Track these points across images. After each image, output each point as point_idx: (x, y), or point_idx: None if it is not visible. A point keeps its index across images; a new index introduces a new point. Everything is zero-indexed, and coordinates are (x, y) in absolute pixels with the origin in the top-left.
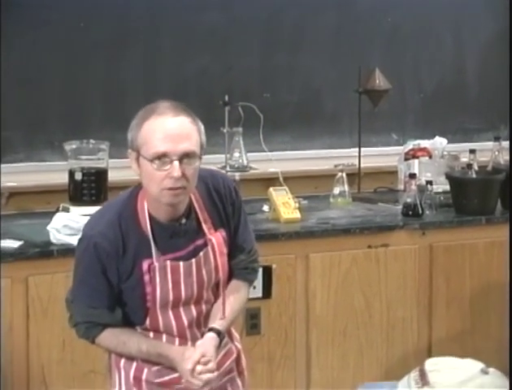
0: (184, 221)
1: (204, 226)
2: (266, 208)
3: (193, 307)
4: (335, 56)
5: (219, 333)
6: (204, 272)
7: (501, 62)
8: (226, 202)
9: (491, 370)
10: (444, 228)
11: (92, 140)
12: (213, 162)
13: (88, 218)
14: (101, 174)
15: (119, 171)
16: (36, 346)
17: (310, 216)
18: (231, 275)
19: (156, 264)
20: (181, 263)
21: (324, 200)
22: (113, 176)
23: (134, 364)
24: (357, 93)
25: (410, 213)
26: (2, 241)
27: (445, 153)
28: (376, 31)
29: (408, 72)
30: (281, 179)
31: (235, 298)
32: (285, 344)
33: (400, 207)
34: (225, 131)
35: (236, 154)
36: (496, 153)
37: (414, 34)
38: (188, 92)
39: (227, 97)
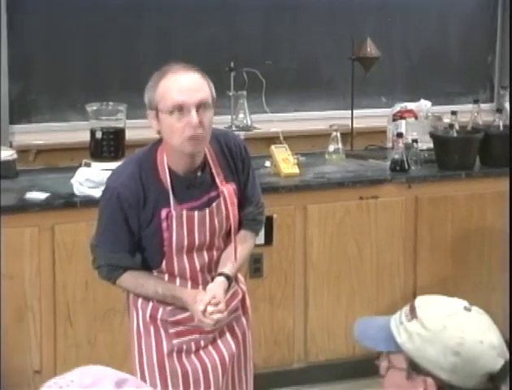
0: (199, 174)
1: (217, 179)
2: (268, 164)
3: (205, 253)
4: (330, 27)
5: (227, 277)
6: (216, 221)
7: (480, 33)
8: (236, 159)
9: (473, 307)
10: (428, 182)
11: (111, 103)
12: (220, 122)
13: (111, 171)
14: (119, 133)
15: (136, 131)
16: (61, 287)
17: (308, 171)
18: (240, 226)
19: (173, 213)
20: (196, 212)
21: (320, 156)
22: (130, 135)
23: (150, 304)
24: (350, 61)
25: (398, 168)
26: (30, 193)
27: (429, 114)
28: (368, 4)
29: (396, 41)
30: (281, 137)
31: (243, 247)
32: (285, 286)
33: (388, 163)
34: (231, 94)
35: (241, 115)
36: (476, 114)
37: (402, 7)
38: (198, 59)
39: (232, 64)
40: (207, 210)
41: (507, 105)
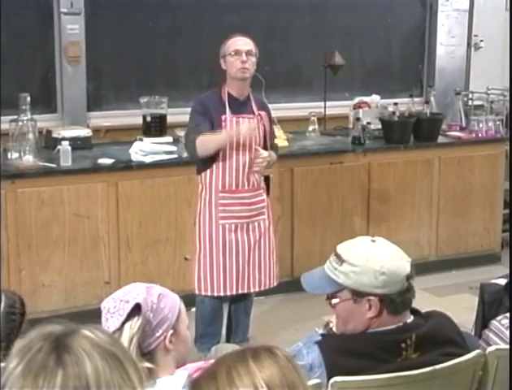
0: (245, 99)
1: (255, 108)
2: None
3: (247, 154)
4: (310, 43)
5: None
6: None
7: (413, 49)
8: (265, 109)
9: (376, 238)
10: (377, 152)
11: (157, 96)
12: None
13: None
14: (162, 118)
15: (174, 116)
16: (123, 224)
17: (294, 144)
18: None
19: (228, 117)
20: (241, 119)
21: (303, 134)
22: (169, 119)
23: (213, 194)
24: (323, 67)
25: (356, 142)
26: (101, 159)
27: (379, 105)
28: (336, 28)
29: (356, 54)
30: (276, 121)
31: (271, 154)
32: (278, 224)
33: (350, 138)
34: None
35: None
36: (410, 105)
37: (361, 29)
38: (218, 66)
39: None
40: (247, 120)
41: (432, 99)
